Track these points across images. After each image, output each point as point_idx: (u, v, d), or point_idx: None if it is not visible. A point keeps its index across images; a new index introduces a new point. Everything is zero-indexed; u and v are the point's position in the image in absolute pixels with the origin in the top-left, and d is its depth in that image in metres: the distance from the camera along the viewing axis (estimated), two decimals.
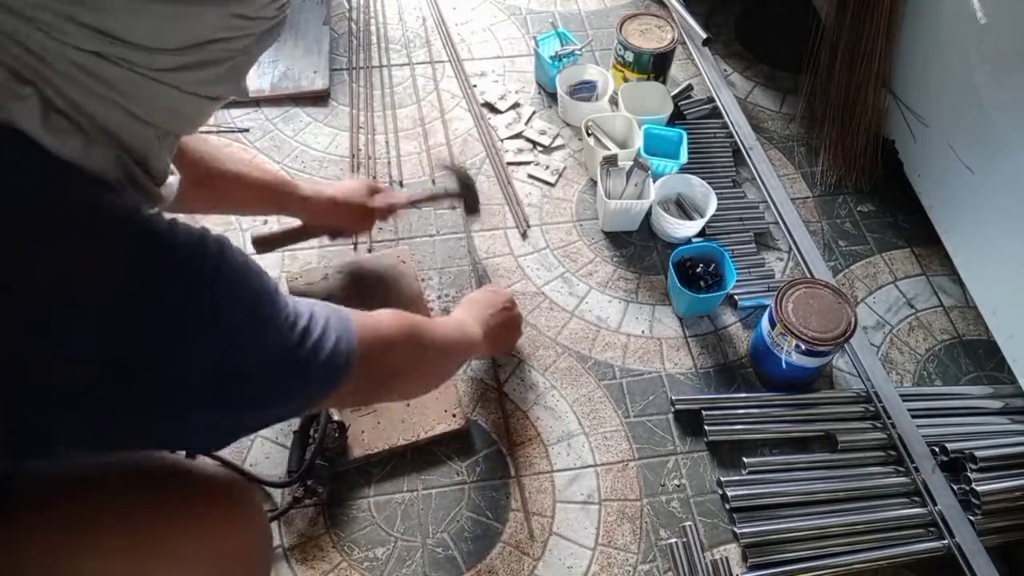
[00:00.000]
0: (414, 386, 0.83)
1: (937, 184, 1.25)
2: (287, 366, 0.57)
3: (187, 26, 0.45)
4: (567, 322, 1.17)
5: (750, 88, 1.53)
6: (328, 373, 0.62)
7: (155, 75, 0.46)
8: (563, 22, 1.60)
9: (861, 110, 1.35)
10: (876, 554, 0.96)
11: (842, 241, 1.31)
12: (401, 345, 0.74)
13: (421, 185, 1.32)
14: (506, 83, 1.49)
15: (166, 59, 0.46)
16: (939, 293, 1.25)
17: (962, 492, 1.00)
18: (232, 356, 0.52)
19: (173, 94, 0.48)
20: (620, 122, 1.34)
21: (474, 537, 0.97)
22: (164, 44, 0.45)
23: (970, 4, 1.11)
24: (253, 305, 0.54)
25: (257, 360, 0.55)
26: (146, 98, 0.47)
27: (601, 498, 1.01)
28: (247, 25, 0.48)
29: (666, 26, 1.40)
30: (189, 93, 0.49)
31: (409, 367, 0.77)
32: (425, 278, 1.20)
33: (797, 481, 1.01)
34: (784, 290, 1.05)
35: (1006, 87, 1.06)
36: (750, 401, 1.09)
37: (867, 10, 1.29)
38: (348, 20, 1.58)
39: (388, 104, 1.43)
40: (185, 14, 0.44)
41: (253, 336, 0.54)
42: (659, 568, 0.96)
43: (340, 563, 0.94)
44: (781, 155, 1.42)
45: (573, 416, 1.08)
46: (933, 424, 1.07)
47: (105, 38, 0.43)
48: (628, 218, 1.27)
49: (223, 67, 0.49)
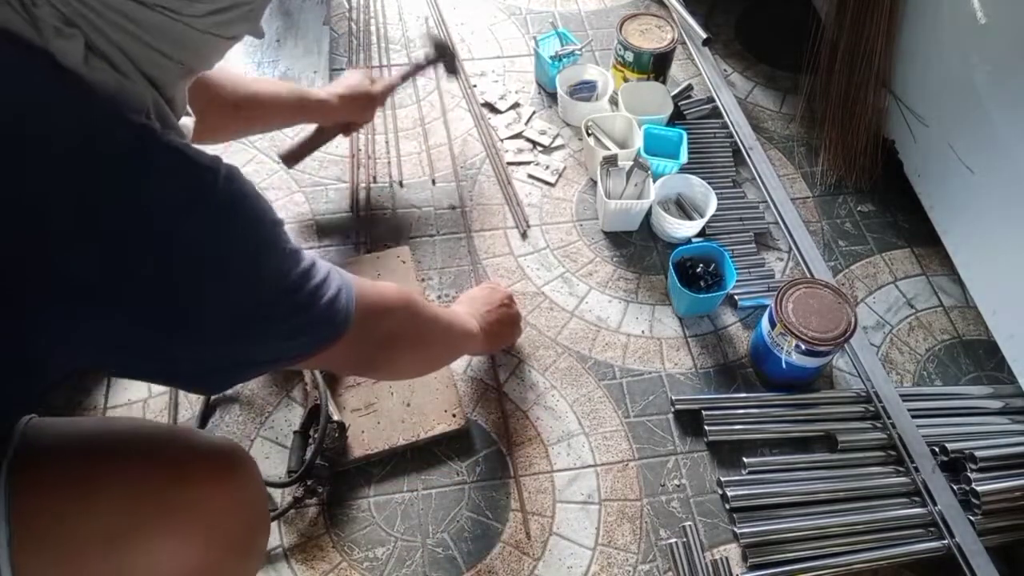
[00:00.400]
0: (408, 360, 0.84)
1: (937, 184, 1.25)
2: (287, 296, 0.59)
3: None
4: (567, 322, 1.17)
5: (750, 88, 1.53)
6: (327, 320, 0.63)
7: (188, 20, 0.51)
8: (563, 22, 1.60)
9: (861, 110, 1.35)
10: (876, 554, 0.96)
11: (842, 241, 1.31)
12: (399, 312, 0.76)
13: (422, 185, 1.32)
14: (506, 83, 1.49)
15: (199, 6, 0.51)
16: (939, 293, 1.25)
17: (962, 492, 1.00)
18: (235, 273, 0.55)
19: (203, 37, 0.53)
20: (620, 122, 1.34)
21: (474, 537, 0.97)
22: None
23: (970, 4, 1.11)
24: (261, 228, 0.57)
25: (258, 281, 0.57)
26: (178, 40, 0.52)
27: (601, 498, 1.01)
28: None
29: (666, 26, 1.40)
30: (215, 35, 0.54)
31: (405, 337, 0.78)
32: (425, 278, 1.20)
33: (797, 481, 1.01)
34: (784, 290, 1.05)
35: (1006, 87, 1.06)
36: (750, 401, 1.09)
37: (867, 10, 1.29)
38: (348, 20, 1.58)
39: (388, 104, 1.43)
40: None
41: (257, 257, 0.56)
42: (659, 568, 0.96)
43: (340, 563, 0.94)
44: (781, 155, 1.42)
45: (573, 416, 1.08)
46: (933, 424, 1.07)
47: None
48: (628, 218, 1.27)
49: (244, 9, 0.54)
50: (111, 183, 0.48)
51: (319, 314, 0.62)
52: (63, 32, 0.47)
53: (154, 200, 0.49)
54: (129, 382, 1.06)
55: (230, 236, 0.54)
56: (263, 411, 1.05)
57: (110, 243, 0.48)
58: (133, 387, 1.06)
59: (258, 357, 0.62)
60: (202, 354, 0.57)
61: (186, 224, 0.51)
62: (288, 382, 1.08)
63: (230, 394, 1.07)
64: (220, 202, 0.53)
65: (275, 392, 1.07)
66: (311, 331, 0.63)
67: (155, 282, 0.51)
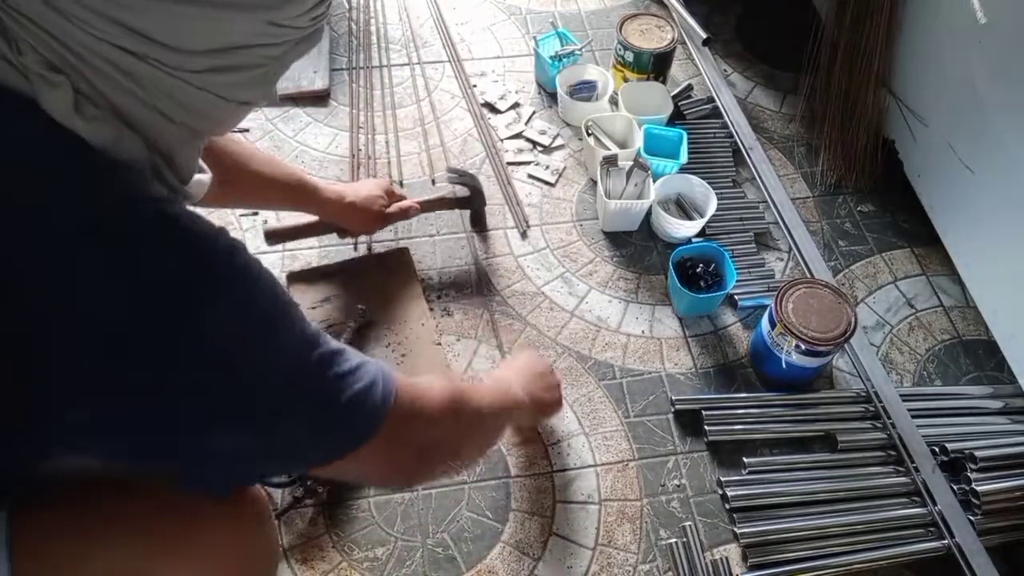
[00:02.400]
0: (447, 467, 0.74)
1: (937, 184, 1.25)
2: (301, 387, 0.53)
3: (219, 30, 0.45)
4: (567, 322, 1.17)
5: (750, 88, 1.53)
6: (355, 416, 0.56)
7: (184, 76, 0.46)
8: (563, 22, 1.60)
9: (861, 110, 1.35)
10: (876, 554, 0.96)
11: (842, 241, 1.31)
12: (446, 419, 0.67)
13: (422, 185, 1.32)
14: (506, 83, 1.49)
15: (196, 61, 0.46)
16: (939, 293, 1.25)
17: (962, 492, 1.00)
18: (240, 361, 0.49)
19: (203, 96, 0.48)
20: (620, 122, 1.34)
21: (474, 537, 0.97)
22: (195, 46, 0.45)
23: (970, 4, 1.11)
24: (268, 310, 0.52)
25: (265, 368, 0.51)
26: (175, 98, 0.48)
27: (601, 498, 1.01)
28: (280, 33, 0.48)
29: (666, 26, 1.40)
30: (218, 96, 0.49)
31: (448, 444, 0.70)
32: (425, 278, 1.20)
33: (797, 481, 1.01)
34: (784, 290, 1.05)
35: (1006, 87, 1.06)
36: (750, 401, 1.09)
37: (867, 10, 1.29)
38: (348, 20, 1.58)
39: (388, 104, 1.44)
40: (217, 18, 0.44)
41: (267, 343, 0.51)
42: (659, 568, 0.96)
43: (340, 563, 0.94)
44: (781, 155, 1.42)
45: (573, 416, 1.08)
46: (933, 424, 1.07)
47: (138, 37, 0.43)
48: (628, 218, 1.27)
49: (254, 72, 0.49)
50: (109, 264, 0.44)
51: (345, 407, 0.55)
52: (48, 79, 0.43)
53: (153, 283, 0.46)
54: None
55: (232, 313, 0.49)
56: None
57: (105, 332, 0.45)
58: None
59: (259, 453, 0.54)
60: (200, 445, 0.51)
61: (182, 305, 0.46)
62: None
63: None
64: (220, 276, 0.48)
65: None
66: (333, 428, 0.56)
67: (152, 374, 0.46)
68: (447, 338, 1.14)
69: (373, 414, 0.57)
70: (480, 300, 1.18)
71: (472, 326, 1.16)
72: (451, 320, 1.16)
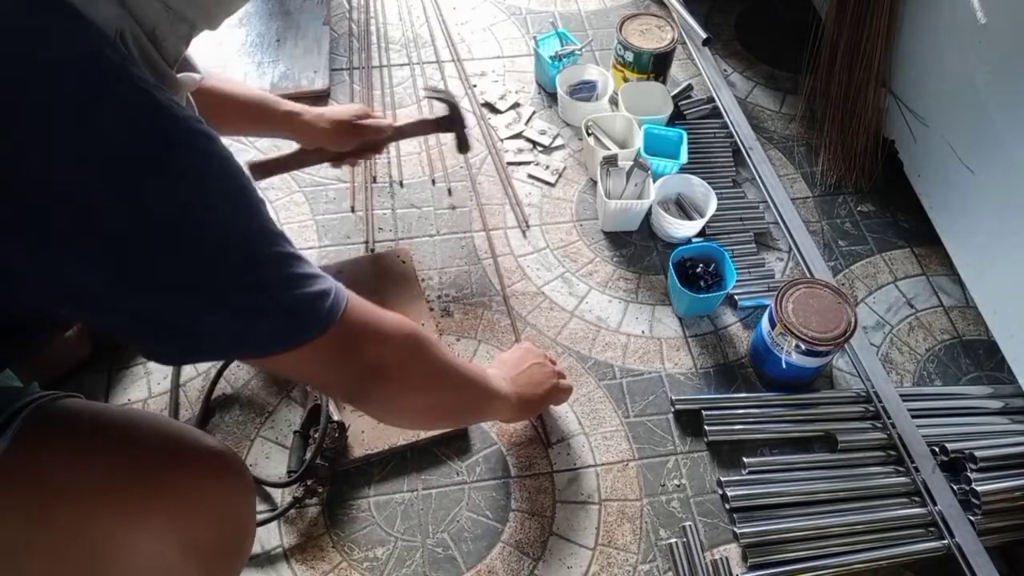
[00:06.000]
0: (410, 402, 0.75)
1: (937, 184, 1.25)
2: (256, 267, 0.53)
3: None
4: (567, 322, 1.17)
5: (750, 88, 1.53)
6: (299, 312, 0.56)
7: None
8: (563, 22, 1.60)
9: (861, 110, 1.35)
10: (876, 554, 0.96)
11: (842, 241, 1.31)
12: (395, 341, 0.68)
13: (422, 185, 1.32)
14: (506, 83, 1.49)
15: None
16: (939, 293, 1.25)
17: (962, 492, 1.00)
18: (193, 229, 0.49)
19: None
20: (620, 122, 1.34)
21: (474, 537, 0.97)
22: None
23: (970, 4, 1.11)
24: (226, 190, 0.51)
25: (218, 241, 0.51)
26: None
27: (601, 498, 1.01)
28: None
29: (666, 26, 1.40)
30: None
31: (403, 372, 0.70)
32: (425, 278, 1.20)
33: (797, 481, 1.01)
34: (784, 290, 1.05)
35: (1006, 87, 1.06)
36: (750, 401, 1.09)
37: (867, 10, 1.29)
38: (348, 20, 1.58)
39: (388, 104, 1.43)
40: None
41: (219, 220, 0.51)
42: (659, 568, 0.96)
43: (340, 563, 0.94)
44: (781, 155, 1.42)
45: (573, 416, 1.08)
46: (933, 424, 1.07)
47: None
48: (628, 218, 1.27)
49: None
50: (68, 116, 0.43)
51: (292, 303, 0.55)
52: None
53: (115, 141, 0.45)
54: (130, 384, 1.06)
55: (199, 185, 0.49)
56: (263, 411, 1.05)
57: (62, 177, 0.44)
58: (133, 388, 1.06)
59: (210, 329, 0.54)
60: (142, 303, 0.51)
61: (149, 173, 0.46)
62: (288, 382, 1.08)
63: (230, 393, 1.07)
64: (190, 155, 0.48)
65: (275, 392, 1.07)
66: (278, 318, 0.55)
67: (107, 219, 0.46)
68: (447, 338, 1.14)
69: (322, 311, 0.58)
70: (480, 300, 1.18)
71: (472, 326, 1.16)
72: (451, 320, 1.16)
